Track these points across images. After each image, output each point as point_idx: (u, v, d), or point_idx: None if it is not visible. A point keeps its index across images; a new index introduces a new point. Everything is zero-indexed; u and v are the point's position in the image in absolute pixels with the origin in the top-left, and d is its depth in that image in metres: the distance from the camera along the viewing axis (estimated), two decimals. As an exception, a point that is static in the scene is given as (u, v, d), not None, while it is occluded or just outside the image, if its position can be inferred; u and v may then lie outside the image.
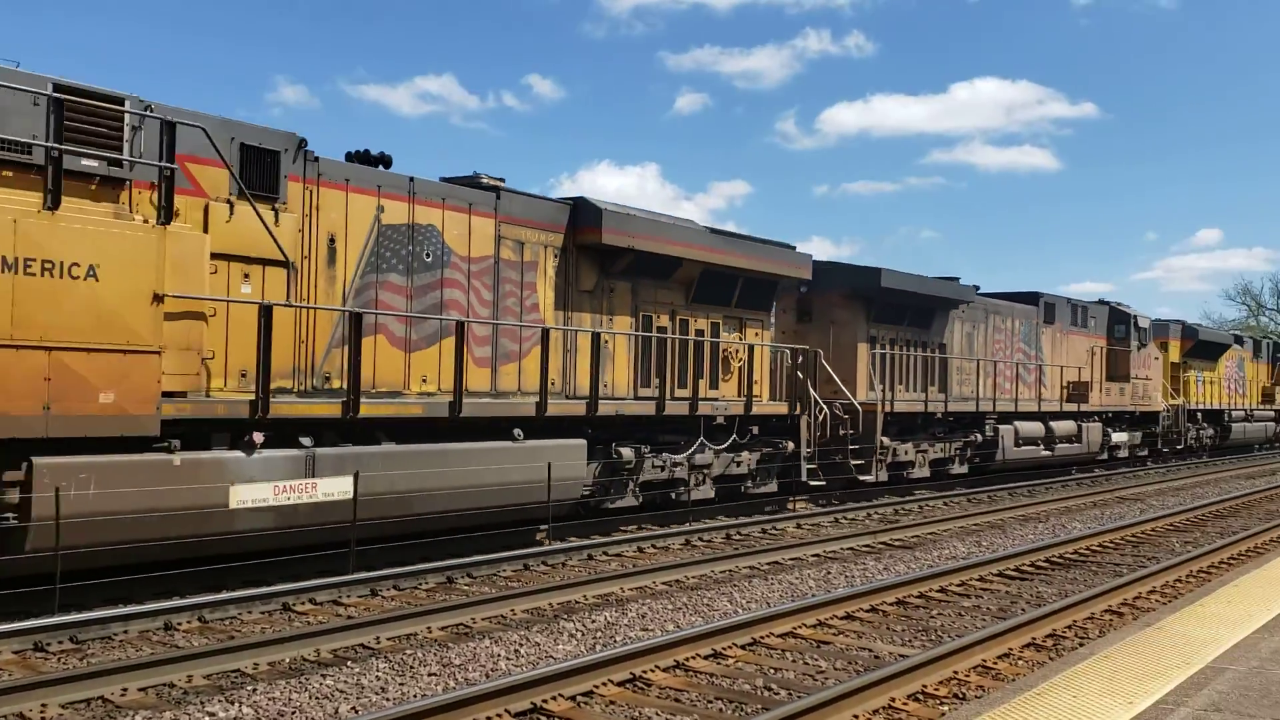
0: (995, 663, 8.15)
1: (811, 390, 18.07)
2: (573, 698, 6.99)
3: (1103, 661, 6.61)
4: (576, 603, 10.44)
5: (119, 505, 8.97)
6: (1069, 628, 9.45)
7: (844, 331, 20.03)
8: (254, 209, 10.38)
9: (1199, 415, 35.59)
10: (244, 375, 10.43)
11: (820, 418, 18.31)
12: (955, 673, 7.76)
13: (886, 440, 19.95)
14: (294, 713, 6.79)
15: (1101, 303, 30.05)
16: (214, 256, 10.05)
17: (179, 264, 9.47)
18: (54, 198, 8.73)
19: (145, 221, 9.45)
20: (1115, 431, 29.18)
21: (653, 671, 7.63)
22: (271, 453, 10.27)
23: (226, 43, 78.65)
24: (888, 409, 19.95)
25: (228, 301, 10.26)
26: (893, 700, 7.03)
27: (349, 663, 8.05)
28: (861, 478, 19.11)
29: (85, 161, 9.08)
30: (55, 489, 8.49)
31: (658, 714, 6.83)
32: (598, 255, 14.54)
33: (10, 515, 8.54)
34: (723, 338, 16.75)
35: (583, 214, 14.33)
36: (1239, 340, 40.90)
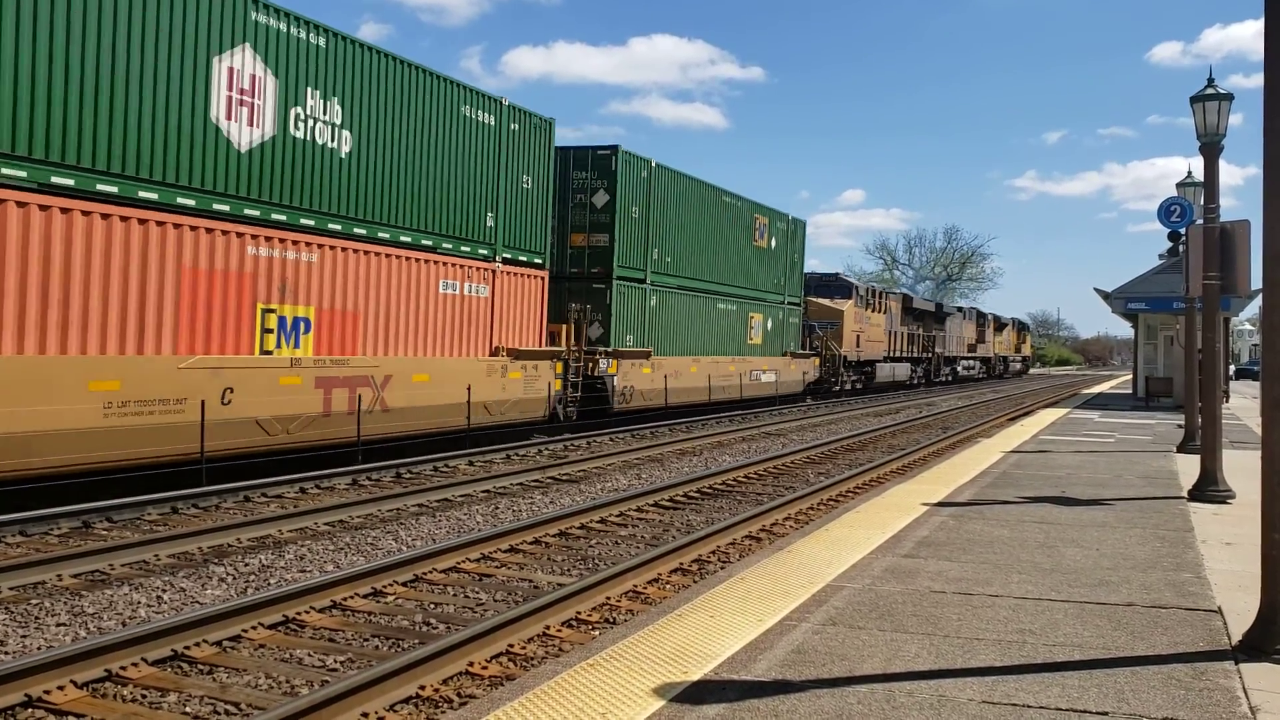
0: (645, 588, 8.61)
1: (934, 349, 56.75)
2: (219, 643, 6.70)
3: (739, 583, 7.11)
4: (229, 546, 9.99)
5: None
6: (713, 553, 10.13)
7: (928, 327, 54.54)
8: (886, 310, 48.38)
9: (1001, 359, 77.54)
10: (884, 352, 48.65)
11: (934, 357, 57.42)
12: (608, 599, 8.13)
13: (945, 368, 59.23)
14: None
15: (973, 308, 69.94)
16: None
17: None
18: (865, 307, 44.20)
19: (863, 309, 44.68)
20: (978, 366, 69.63)
21: (308, 613, 7.45)
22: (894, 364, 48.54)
23: None
24: (941, 356, 58.64)
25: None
26: (548, 628, 7.26)
27: (-41, 617, 7.33)
28: (937, 380, 57.49)
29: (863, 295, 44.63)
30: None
31: (310, 654, 6.67)
32: (904, 308, 51.03)
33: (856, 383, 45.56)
34: (919, 331, 53.90)
35: (906, 296, 53.14)
36: (1012, 320, 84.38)
